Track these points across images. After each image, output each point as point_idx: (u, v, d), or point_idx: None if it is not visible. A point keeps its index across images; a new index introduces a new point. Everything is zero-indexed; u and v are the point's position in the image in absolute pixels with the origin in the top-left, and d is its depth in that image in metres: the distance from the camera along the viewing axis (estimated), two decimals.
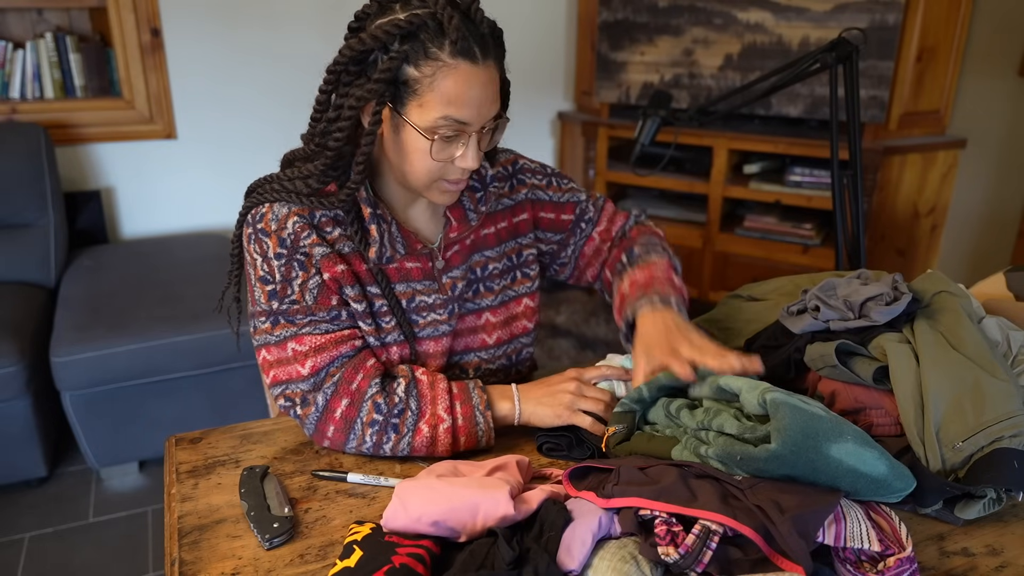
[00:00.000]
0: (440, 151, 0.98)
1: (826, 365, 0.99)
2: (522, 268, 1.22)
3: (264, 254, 1.03)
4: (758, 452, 0.80)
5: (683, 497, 0.80)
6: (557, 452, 1.04)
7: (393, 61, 0.93)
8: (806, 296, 1.07)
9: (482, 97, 0.96)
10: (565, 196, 1.25)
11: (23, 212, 2.48)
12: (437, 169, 1.00)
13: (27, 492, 2.24)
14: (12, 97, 2.63)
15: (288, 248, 1.02)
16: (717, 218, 3.01)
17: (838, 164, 1.81)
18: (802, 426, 0.80)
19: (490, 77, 0.97)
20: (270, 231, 1.03)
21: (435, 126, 0.96)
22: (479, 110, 0.97)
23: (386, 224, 1.07)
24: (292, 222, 1.02)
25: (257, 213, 1.05)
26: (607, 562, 0.76)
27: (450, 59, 0.93)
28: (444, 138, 0.97)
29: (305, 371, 1.01)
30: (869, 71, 2.65)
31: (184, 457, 1.04)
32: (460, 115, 0.96)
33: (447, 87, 0.94)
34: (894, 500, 0.87)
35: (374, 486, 0.98)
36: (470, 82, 0.95)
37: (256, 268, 1.04)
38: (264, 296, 1.03)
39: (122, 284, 2.40)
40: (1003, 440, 0.88)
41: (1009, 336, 1.03)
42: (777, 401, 0.83)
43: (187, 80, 2.83)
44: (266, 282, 1.03)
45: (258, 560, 0.85)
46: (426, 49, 0.93)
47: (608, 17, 3.02)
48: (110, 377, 2.12)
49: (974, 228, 3.09)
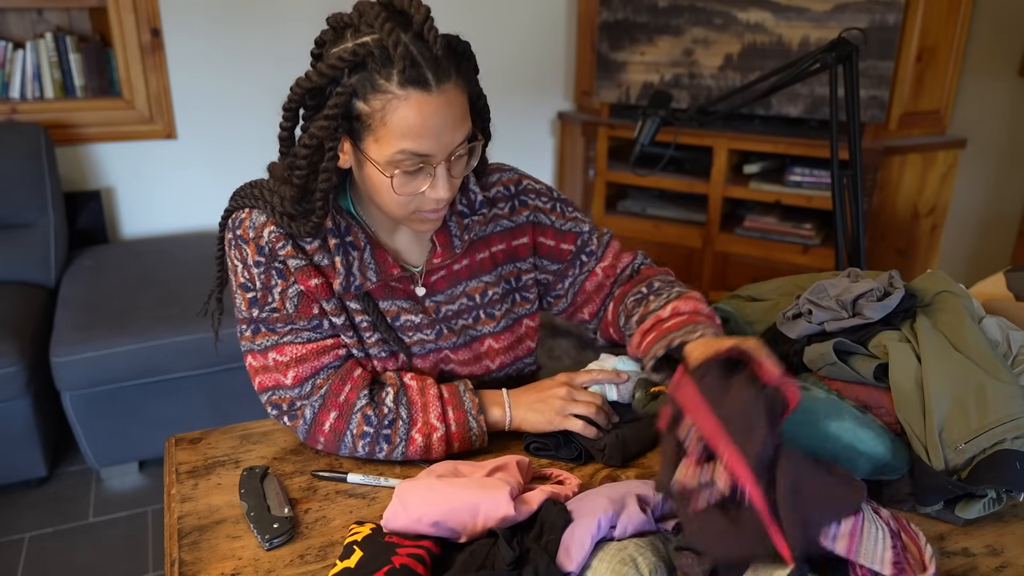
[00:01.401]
0: (404, 185, 0.93)
1: (825, 364, 0.99)
2: (521, 292, 1.17)
3: (244, 261, 1.01)
4: None
5: (742, 431, 0.76)
6: (545, 452, 1.05)
7: (341, 96, 0.88)
8: (799, 301, 1.07)
9: (440, 125, 0.90)
10: (568, 224, 1.17)
11: (23, 212, 2.48)
12: (408, 201, 0.95)
13: (27, 492, 2.24)
14: (12, 97, 2.63)
15: (266, 256, 1.00)
16: (717, 218, 3.01)
17: (838, 164, 1.81)
18: (802, 402, 0.83)
19: (447, 102, 0.90)
20: (248, 238, 1.00)
21: (394, 161, 0.91)
22: (439, 140, 0.91)
23: (357, 252, 1.03)
24: (268, 231, 1.00)
25: (236, 218, 1.03)
26: (606, 564, 0.76)
27: (399, 90, 0.87)
28: (407, 172, 0.92)
29: (288, 381, 1.01)
30: (869, 71, 2.65)
31: (184, 457, 1.04)
32: (418, 148, 0.90)
33: (399, 120, 0.88)
34: (895, 477, 0.92)
35: (374, 486, 0.98)
36: (423, 112, 0.88)
37: (237, 275, 1.02)
38: (245, 304, 1.02)
39: (122, 284, 2.40)
40: (1005, 442, 0.88)
41: (1009, 336, 1.03)
42: None
43: (187, 80, 2.83)
44: (247, 289, 1.01)
45: (258, 560, 0.85)
46: (373, 82, 0.88)
47: (608, 17, 3.02)
48: (110, 377, 2.12)
49: (974, 228, 3.09)
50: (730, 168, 3.01)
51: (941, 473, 0.89)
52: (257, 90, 2.92)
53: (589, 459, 1.04)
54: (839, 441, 0.86)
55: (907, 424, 0.93)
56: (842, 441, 0.86)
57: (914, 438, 0.92)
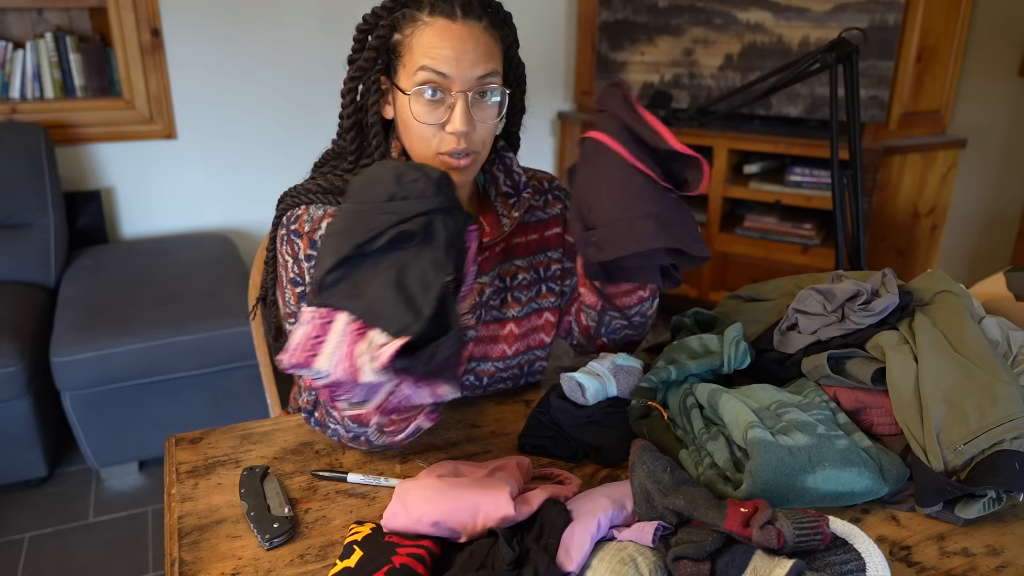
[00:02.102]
0: (424, 112, 0.97)
1: (821, 376, 1.00)
2: (548, 282, 1.21)
3: (295, 255, 1.02)
4: (736, 494, 0.86)
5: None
6: (539, 450, 1.05)
7: (383, 29, 0.98)
8: (789, 312, 1.07)
9: (461, 51, 0.96)
10: None
11: (23, 212, 2.48)
12: (430, 136, 0.99)
13: (27, 492, 2.24)
14: (12, 97, 2.63)
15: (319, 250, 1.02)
16: (717, 218, 3.01)
17: (838, 164, 1.81)
18: (775, 466, 0.85)
19: (471, 33, 0.96)
20: (303, 232, 1.02)
21: (416, 81, 0.96)
22: (459, 63, 0.96)
23: None
24: (327, 223, 1.01)
25: (292, 215, 1.04)
26: (606, 564, 0.76)
27: (427, 17, 0.96)
28: (428, 100, 0.97)
29: None
30: (869, 71, 2.65)
31: (184, 457, 1.04)
32: (436, 64, 0.95)
33: (424, 41, 0.96)
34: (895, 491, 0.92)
35: (374, 486, 0.97)
36: (446, 35, 0.95)
37: (287, 270, 1.03)
38: (295, 299, 1.03)
39: (122, 284, 2.40)
40: (1004, 443, 0.88)
41: (1009, 336, 1.03)
42: (754, 441, 0.87)
43: (187, 80, 2.83)
44: (296, 284, 1.02)
45: (258, 560, 0.85)
46: (410, 13, 0.97)
47: (608, 17, 3.02)
48: (110, 377, 2.12)
49: (974, 228, 3.10)
50: (730, 168, 3.01)
51: (940, 474, 0.89)
52: (257, 90, 2.92)
53: (584, 457, 1.04)
54: (818, 492, 0.87)
55: (905, 426, 0.93)
56: (822, 491, 0.87)
57: (912, 440, 0.92)
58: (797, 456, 0.86)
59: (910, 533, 0.90)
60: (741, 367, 1.06)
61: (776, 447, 0.86)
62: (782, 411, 0.94)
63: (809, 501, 0.87)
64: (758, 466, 0.84)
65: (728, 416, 0.92)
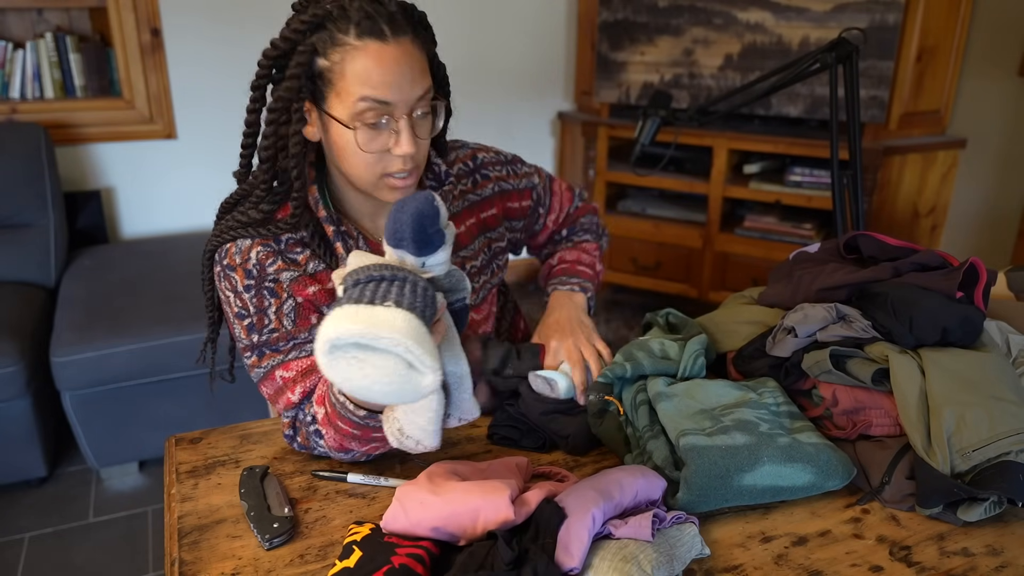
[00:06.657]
0: (369, 141, 0.94)
1: (822, 371, 1.00)
2: (495, 260, 1.22)
3: (234, 289, 1.00)
4: (671, 503, 0.89)
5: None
6: (508, 441, 1.06)
7: (303, 55, 0.92)
8: (783, 321, 1.07)
9: (398, 74, 0.92)
10: (523, 182, 1.26)
11: (23, 212, 2.48)
12: (375, 162, 0.96)
13: (27, 492, 2.24)
14: (12, 97, 2.63)
15: (255, 278, 1.00)
16: (717, 218, 3.01)
17: (838, 164, 1.81)
18: (708, 469, 0.88)
19: (404, 52, 0.93)
20: (235, 265, 1.00)
21: (356, 112, 0.93)
22: (399, 88, 0.93)
23: (352, 240, 1.04)
24: (256, 252, 1.00)
25: (221, 251, 1.02)
26: (608, 562, 0.76)
27: (356, 41, 0.91)
28: (370, 126, 0.94)
29: (295, 398, 1.00)
30: (869, 71, 2.65)
31: (184, 457, 1.04)
32: (377, 94, 0.92)
33: (357, 68, 0.91)
34: (835, 488, 0.94)
35: (374, 486, 0.98)
36: (381, 59, 0.91)
37: (231, 305, 1.01)
38: (244, 331, 1.01)
39: (122, 284, 2.40)
40: (1011, 455, 0.89)
41: (1009, 340, 1.03)
42: (687, 448, 0.90)
43: (187, 80, 2.83)
44: (242, 317, 1.01)
45: (258, 560, 0.85)
46: (332, 37, 0.91)
47: (608, 17, 3.02)
48: (110, 377, 2.12)
49: (974, 228, 3.09)
50: (730, 168, 3.01)
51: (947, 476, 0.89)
52: None
53: (553, 447, 1.05)
54: (756, 488, 0.89)
55: (910, 428, 0.93)
56: (759, 487, 0.89)
57: (917, 442, 0.92)
58: (735, 455, 0.89)
59: (910, 533, 0.90)
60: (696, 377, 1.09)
61: (710, 450, 0.89)
62: (726, 413, 0.97)
63: (749, 497, 0.90)
64: (692, 472, 0.88)
65: (665, 423, 0.95)
